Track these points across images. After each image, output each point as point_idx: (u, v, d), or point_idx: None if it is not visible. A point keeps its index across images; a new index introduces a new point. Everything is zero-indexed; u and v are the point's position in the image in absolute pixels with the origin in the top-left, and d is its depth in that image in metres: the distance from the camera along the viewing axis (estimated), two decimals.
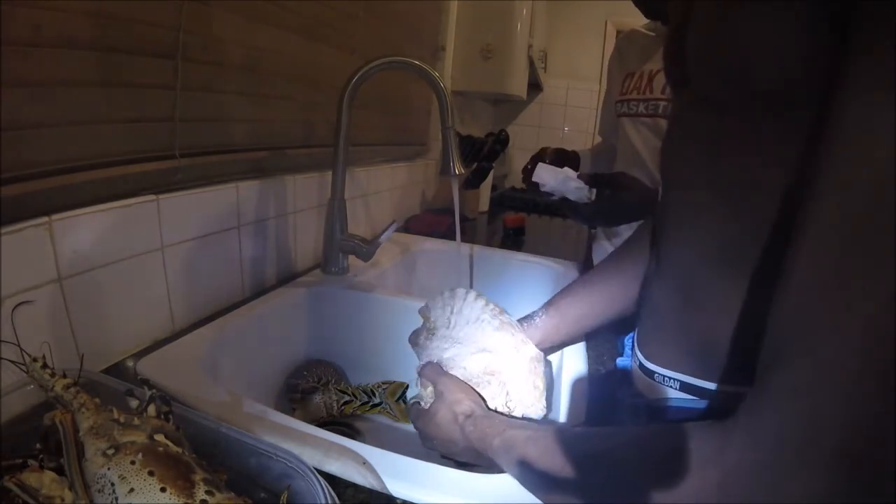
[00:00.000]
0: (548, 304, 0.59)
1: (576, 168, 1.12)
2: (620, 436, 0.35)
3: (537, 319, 0.57)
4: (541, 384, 0.50)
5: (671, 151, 0.43)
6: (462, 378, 0.49)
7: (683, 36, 0.36)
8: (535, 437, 0.37)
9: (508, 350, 0.50)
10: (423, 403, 0.49)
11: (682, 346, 0.40)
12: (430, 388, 0.49)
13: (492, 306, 0.54)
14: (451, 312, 0.53)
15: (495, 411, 0.48)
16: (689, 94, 0.38)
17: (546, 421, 0.50)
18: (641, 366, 0.44)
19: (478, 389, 0.48)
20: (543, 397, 0.50)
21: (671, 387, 0.41)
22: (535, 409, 0.49)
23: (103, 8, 0.45)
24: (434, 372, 0.49)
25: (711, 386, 0.38)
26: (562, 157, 1.11)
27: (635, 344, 0.47)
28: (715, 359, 0.37)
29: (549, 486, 0.34)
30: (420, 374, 0.51)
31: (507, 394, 0.48)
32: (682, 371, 0.40)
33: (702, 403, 0.39)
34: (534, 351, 0.52)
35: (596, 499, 0.32)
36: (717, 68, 0.33)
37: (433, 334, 0.53)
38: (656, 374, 0.42)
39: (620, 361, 0.57)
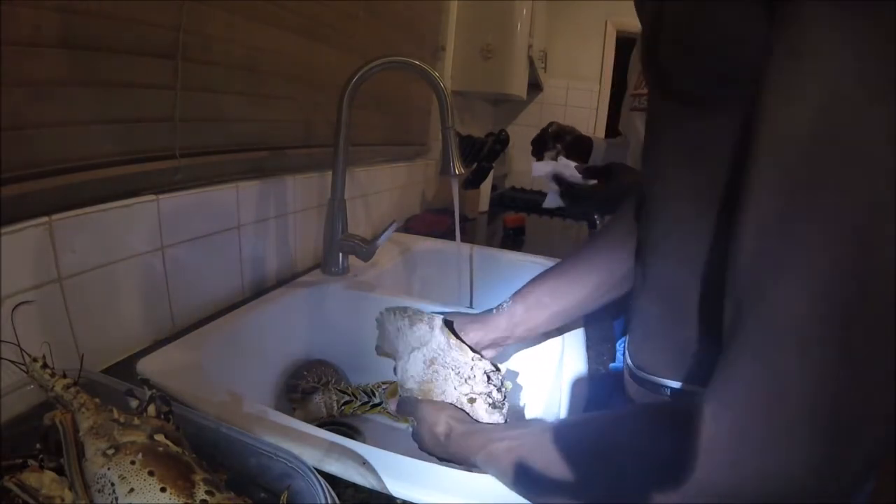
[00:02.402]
0: (516, 293, 0.58)
1: (588, 154, 1.14)
2: (598, 423, 0.35)
3: (504, 306, 0.57)
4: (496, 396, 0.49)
5: (651, 159, 0.42)
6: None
7: (657, 35, 0.36)
8: (516, 446, 0.37)
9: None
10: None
11: (671, 354, 0.40)
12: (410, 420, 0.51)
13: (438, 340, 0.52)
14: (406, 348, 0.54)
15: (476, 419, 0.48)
16: (668, 96, 0.37)
17: (532, 420, 0.50)
18: (633, 374, 0.44)
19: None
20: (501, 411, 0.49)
21: (663, 394, 0.41)
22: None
23: (103, 8, 0.45)
24: (408, 405, 0.50)
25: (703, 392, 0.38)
26: (561, 133, 1.13)
27: (626, 352, 0.47)
28: (705, 366, 0.36)
29: (540, 488, 0.34)
30: (398, 412, 0.53)
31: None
32: (672, 378, 0.40)
33: None
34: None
35: (582, 489, 0.32)
36: (695, 58, 0.32)
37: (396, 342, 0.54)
38: (647, 382, 0.42)
39: (614, 367, 0.57)
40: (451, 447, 0.44)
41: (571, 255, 0.58)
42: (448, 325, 0.53)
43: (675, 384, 0.40)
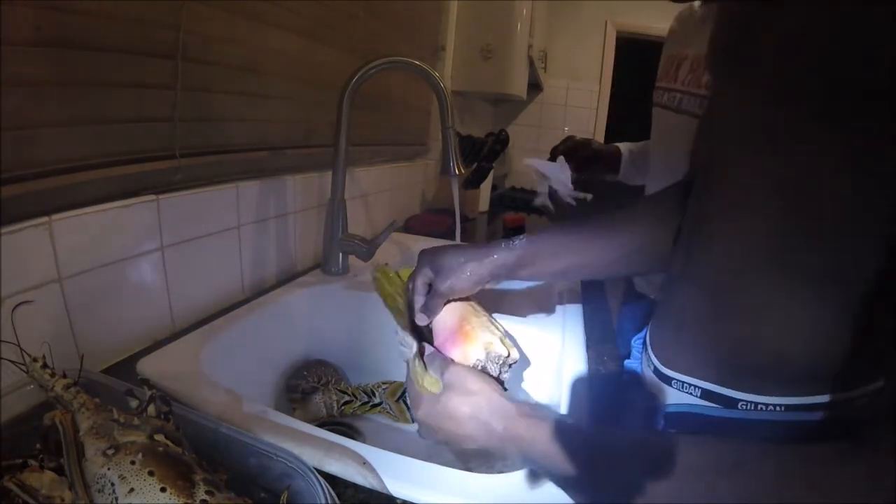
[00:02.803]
0: (532, 234, 0.56)
1: (616, 166, 1.05)
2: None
3: (517, 242, 0.54)
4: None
5: (715, 148, 0.40)
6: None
7: (750, 22, 0.34)
8: (599, 463, 0.33)
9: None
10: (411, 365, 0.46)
11: (708, 352, 0.38)
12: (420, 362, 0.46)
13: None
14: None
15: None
16: (749, 87, 0.36)
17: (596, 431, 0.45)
18: (657, 370, 0.43)
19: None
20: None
21: (691, 394, 0.39)
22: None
23: (103, 8, 0.45)
24: (438, 362, 0.44)
25: (737, 395, 0.37)
26: (574, 149, 1.05)
27: (649, 348, 0.45)
28: (745, 367, 0.36)
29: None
30: (427, 360, 0.45)
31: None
32: (704, 378, 0.39)
33: (724, 412, 0.38)
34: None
35: None
36: (817, 62, 0.30)
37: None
38: (675, 381, 0.41)
39: (629, 364, 0.57)
40: (496, 426, 0.38)
41: (606, 215, 0.55)
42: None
43: (705, 384, 0.39)
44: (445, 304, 0.51)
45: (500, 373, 0.45)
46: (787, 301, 0.34)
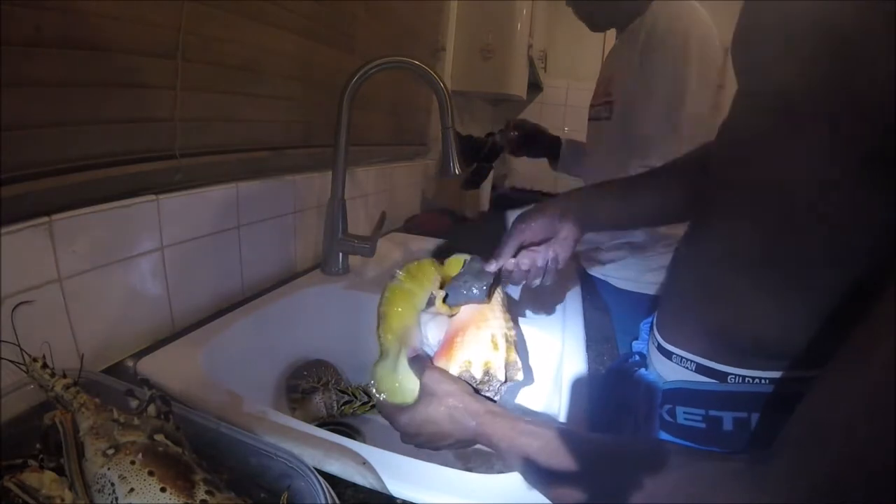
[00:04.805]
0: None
1: (556, 152, 1.19)
2: (650, 465, 0.32)
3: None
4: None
5: (721, 150, 0.44)
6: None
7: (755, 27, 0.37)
8: (543, 447, 0.36)
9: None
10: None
11: (702, 330, 0.42)
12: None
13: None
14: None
15: (489, 398, 0.45)
16: (756, 92, 0.39)
17: (554, 424, 0.48)
18: (660, 346, 0.47)
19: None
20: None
21: (688, 368, 0.43)
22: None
23: (103, 8, 0.45)
24: (418, 365, 0.46)
25: (726, 369, 0.40)
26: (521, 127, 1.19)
27: (654, 327, 0.49)
28: (733, 344, 0.40)
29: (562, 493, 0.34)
30: (409, 362, 0.47)
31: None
32: (699, 354, 0.42)
33: (715, 386, 0.41)
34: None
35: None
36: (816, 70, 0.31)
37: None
38: (674, 356, 0.45)
39: (636, 345, 0.58)
40: (468, 423, 0.40)
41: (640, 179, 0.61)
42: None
43: (700, 360, 0.42)
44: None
45: (479, 389, 0.45)
46: (769, 290, 0.37)
